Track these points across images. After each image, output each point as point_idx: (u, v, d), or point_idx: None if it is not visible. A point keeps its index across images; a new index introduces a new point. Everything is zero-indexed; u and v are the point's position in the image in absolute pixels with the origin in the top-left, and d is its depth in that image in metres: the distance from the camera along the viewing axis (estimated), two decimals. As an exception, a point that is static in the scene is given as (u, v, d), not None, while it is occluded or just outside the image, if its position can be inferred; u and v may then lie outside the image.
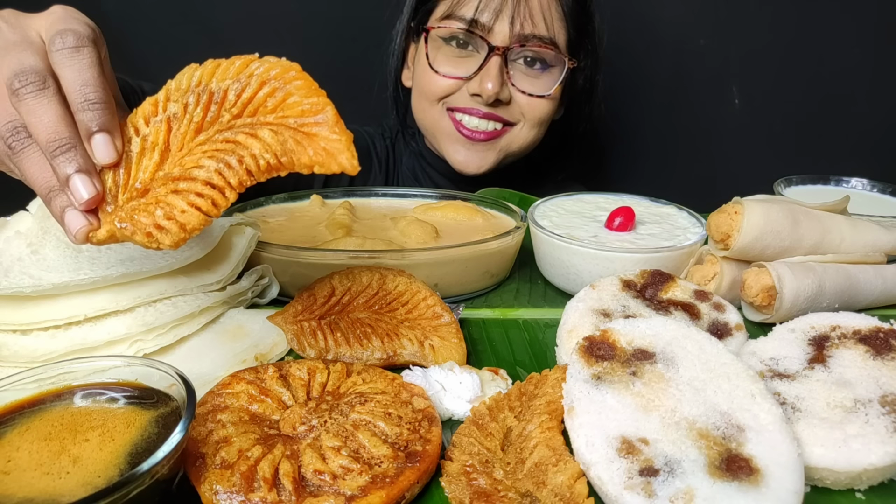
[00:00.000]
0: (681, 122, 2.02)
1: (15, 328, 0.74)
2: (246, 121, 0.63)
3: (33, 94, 0.59)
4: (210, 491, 0.53)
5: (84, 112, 0.60)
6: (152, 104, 0.65)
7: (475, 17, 1.29)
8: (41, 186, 0.60)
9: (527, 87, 1.36)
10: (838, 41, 1.88)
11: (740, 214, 0.90)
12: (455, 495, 0.56)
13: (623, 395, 0.61)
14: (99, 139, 0.60)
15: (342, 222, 1.05)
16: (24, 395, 0.58)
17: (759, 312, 0.89)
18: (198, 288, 0.82)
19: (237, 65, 0.65)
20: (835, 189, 1.32)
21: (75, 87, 0.60)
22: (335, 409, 0.63)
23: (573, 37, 1.39)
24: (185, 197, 0.59)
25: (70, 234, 0.59)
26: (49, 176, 0.60)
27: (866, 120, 1.95)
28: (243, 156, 0.60)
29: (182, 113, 0.64)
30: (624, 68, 1.94)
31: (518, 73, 1.35)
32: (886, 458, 0.57)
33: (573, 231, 0.99)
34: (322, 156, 0.59)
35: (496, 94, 1.32)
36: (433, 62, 1.37)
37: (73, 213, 0.59)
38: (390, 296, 0.80)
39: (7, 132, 0.60)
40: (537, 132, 1.44)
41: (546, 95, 1.37)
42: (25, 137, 0.60)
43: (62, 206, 0.59)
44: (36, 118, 0.59)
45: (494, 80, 1.30)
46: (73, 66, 0.60)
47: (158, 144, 0.63)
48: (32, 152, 0.60)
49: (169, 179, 0.61)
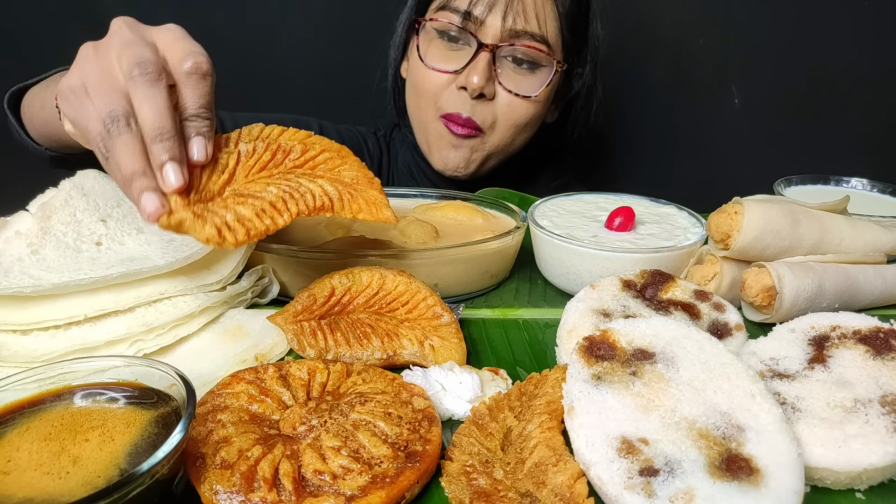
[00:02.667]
0: (681, 122, 2.02)
1: (15, 328, 0.74)
2: (306, 171, 0.77)
3: (149, 84, 0.66)
4: (210, 491, 0.53)
5: (194, 120, 0.70)
6: (225, 138, 0.76)
7: (469, 10, 1.29)
8: (126, 168, 0.66)
9: (512, 86, 1.35)
10: (838, 41, 1.88)
11: (740, 214, 0.90)
12: (455, 495, 0.56)
13: (623, 395, 0.61)
14: (199, 141, 0.70)
15: (342, 222, 1.05)
16: (24, 395, 0.58)
17: (759, 312, 0.89)
18: (198, 288, 0.82)
19: (302, 133, 0.80)
20: (835, 189, 1.32)
21: (192, 101, 0.70)
22: (335, 409, 0.63)
23: (567, 39, 1.38)
24: (252, 208, 0.71)
25: (144, 214, 0.65)
26: (136, 160, 0.66)
27: (866, 120, 1.95)
28: (304, 193, 0.74)
29: (251, 152, 0.76)
30: (624, 68, 1.94)
31: (506, 70, 1.35)
32: (886, 458, 0.57)
33: (573, 231, 0.99)
34: (369, 207, 0.76)
35: (481, 87, 1.31)
36: (424, 55, 1.37)
37: (152, 196, 0.66)
38: (390, 296, 0.80)
39: (108, 117, 0.66)
40: (513, 136, 1.42)
41: (531, 97, 1.36)
42: (124, 125, 0.66)
43: (142, 188, 0.66)
44: (147, 105, 0.66)
45: (481, 73, 1.30)
46: (194, 87, 0.70)
47: (228, 167, 0.74)
48: (127, 138, 0.66)
49: (236, 195, 0.72)
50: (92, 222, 0.86)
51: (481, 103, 1.35)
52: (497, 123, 1.39)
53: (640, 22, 1.92)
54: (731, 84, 1.97)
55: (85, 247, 0.83)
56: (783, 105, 1.97)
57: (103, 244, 0.84)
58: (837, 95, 1.94)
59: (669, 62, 1.96)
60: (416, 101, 1.44)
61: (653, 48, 1.94)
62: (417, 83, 1.40)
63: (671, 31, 1.93)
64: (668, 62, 1.96)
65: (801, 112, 1.96)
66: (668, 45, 1.94)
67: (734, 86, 1.97)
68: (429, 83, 1.37)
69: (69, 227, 0.84)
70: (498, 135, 1.40)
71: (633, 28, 1.92)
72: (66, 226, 0.84)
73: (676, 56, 1.95)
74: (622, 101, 1.96)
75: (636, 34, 1.92)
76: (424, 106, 1.41)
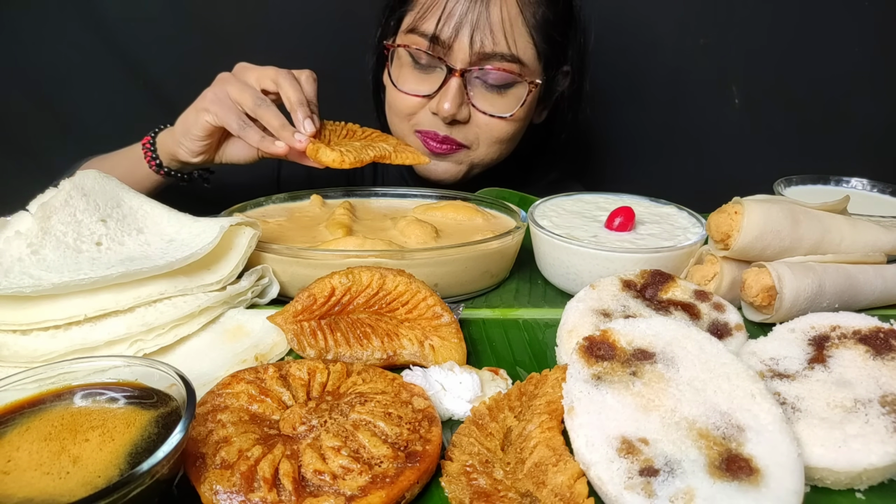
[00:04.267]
0: (681, 122, 2.02)
1: (15, 328, 0.74)
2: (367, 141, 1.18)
3: (289, 80, 1.12)
4: (210, 491, 0.53)
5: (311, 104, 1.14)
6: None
7: (436, 34, 1.26)
8: (275, 122, 1.09)
9: (487, 107, 1.32)
10: (838, 41, 1.88)
11: (740, 214, 0.90)
12: (455, 495, 0.56)
13: (623, 395, 0.61)
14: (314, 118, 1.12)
15: (342, 222, 1.05)
16: (24, 395, 0.58)
17: (759, 312, 0.89)
18: (198, 288, 0.82)
19: (355, 125, 1.22)
20: (835, 189, 1.32)
21: (310, 92, 1.15)
22: (335, 409, 0.63)
23: (545, 49, 1.34)
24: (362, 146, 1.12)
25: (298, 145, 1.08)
26: (282, 118, 1.09)
27: (866, 120, 1.94)
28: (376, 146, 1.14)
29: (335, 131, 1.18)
30: (624, 68, 1.94)
31: (479, 92, 1.31)
32: (886, 458, 0.57)
33: (573, 231, 0.99)
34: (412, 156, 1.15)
35: (453, 115, 1.29)
36: (396, 80, 1.35)
37: (300, 134, 1.08)
38: (390, 296, 0.80)
39: (257, 98, 1.10)
40: (498, 149, 1.41)
41: (507, 117, 1.34)
42: (269, 102, 1.11)
43: (291, 131, 1.09)
44: (290, 89, 1.11)
45: (452, 100, 1.28)
46: (310, 85, 1.15)
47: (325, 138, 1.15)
48: (271, 107, 1.10)
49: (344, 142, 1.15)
50: (92, 222, 0.86)
51: (458, 127, 1.34)
52: (480, 140, 1.37)
53: (640, 22, 1.92)
54: (731, 84, 1.97)
55: (85, 247, 0.83)
56: (783, 105, 1.96)
57: (103, 244, 0.84)
58: (837, 95, 1.93)
59: (669, 62, 1.96)
60: (391, 118, 1.43)
61: (653, 48, 1.94)
62: (391, 103, 1.39)
63: (671, 31, 1.93)
64: (668, 62, 1.96)
65: (801, 112, 1.96)
66: (668, 45, 1.94)
67: (734, 86, 1.97)
68: (402, 105, 1.36)
69: (69, 227, 0.84)
70: (483, 149, 1.39)
71: (633, 28, 1.92)
72: (66, 226, 0.84)
73: (676, 56, 1.95)
74: (622, 101, 1.96)
75: (636, 34, 1.92)
76: (399, 123, 1.40)
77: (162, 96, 1.88)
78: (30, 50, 1.82)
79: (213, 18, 1.87)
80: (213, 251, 0.85)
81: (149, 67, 1.87)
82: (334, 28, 1.89)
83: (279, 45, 1.87)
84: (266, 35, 1.90)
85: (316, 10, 1.89)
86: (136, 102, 1.89)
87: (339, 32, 1.88)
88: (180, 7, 1.84)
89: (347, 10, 1.87)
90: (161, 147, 1.24)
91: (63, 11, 1.80)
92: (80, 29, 1.82)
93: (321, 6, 1.90)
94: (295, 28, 1.89)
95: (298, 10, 1.89)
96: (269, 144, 1.10)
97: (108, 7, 1.81)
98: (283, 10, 1.88)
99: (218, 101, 1.11)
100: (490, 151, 1.40)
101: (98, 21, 1.82)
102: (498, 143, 1.39)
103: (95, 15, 1.81)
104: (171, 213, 0.93)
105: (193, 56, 1.83)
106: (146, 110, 1.89)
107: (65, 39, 1.82)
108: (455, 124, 1.34)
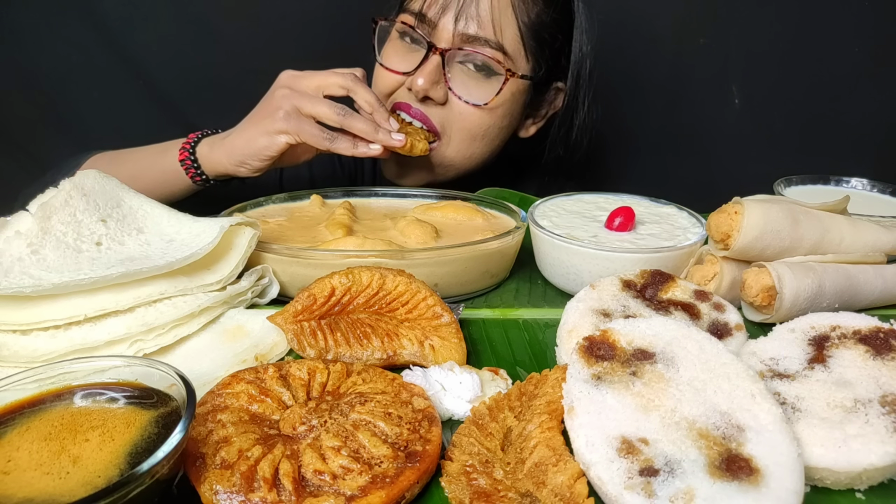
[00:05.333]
0: (680, 122, 2.02)
1: (15, 328, 0.74)
2: None
3: (360, 84, 1.19)
4: (210, 491, 0.53)
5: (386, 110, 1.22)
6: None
7: (423, 11, 1.27)
8: (369, 129, 1.15)
9: (463, 92, 1.30)
10: (838, 41, 1.88)
11: (740, 214, 0.90)
12: (455, 495, 0.56)
13: (623, 395, 0.61)
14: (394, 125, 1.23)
15: (342, 222, 1.05)
16: (24, 395, 0.58)
17: (759, 312, 0.89)
18: (198, 288, 0.82)
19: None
20: (835, 189, 1.32)
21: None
22: (335, 409, 0.63)
23: (533, 48, 1.32)
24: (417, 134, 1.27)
25: (397, 143, 1.18)
26: (370, 124, 1.16)
27: (866, 120, 1.94)
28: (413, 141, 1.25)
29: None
30: (624, 68, 1.93)
31: (458, 76, 1.29)
32: (886, 458, 0.57)
33: (573, 231, 0.99)
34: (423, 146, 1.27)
35: (426, 90, 1.27)
36: (381, 55, 1.36)
37: (395, 133, 1.18)
38: (390, 296, 0.80)
39: (338, 109, 1.14)
40: (470, 147, 1.37)
41: (482, 105, 1.30)
42: (351, 111, 1.15)
43: (384, 132, 1.17)
44: (365, 92, 1.19)
45: (427, 76, 1.26)
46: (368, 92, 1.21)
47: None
48: (355, 116, 1.15)
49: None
50: (92, 222, 0.86)
51: (433, 107, 1.31)
52: (452, 130, 1.34)
53: (640, 22, 1.92)
54: (731, 84, 1.97)
55: (85, 247, 0.83)
56: (783, 105, 1.96)
57: (103, 244, 0.84)
58: (837, 95, 1.93)
59: (669, 62, 1.96)
60: None
61: (653, 48, 1.94)
62: (375, 82, 1.38)
63: (671, 31, 1.93)
64: (667, 62, 1.96)
65: (801, 112, 1.96)
66: (667, 44, 1.94)
67: (734, 86, 1.97)
68: (381, 82, 1.35)
69: (69, 227, 0.84)
70: (454, 144, 1.35)
71: (633, 28, 1.92)
72: (66, 226, 0.84)
73: (676, 56, 1.95)
74: (622, 101, 1.96)
75: (636, 34, 1.92)
76: None
77: (162, 96, 1.88)
78: (30, 50, 1.82)
79: (212, 18, 1.87)
80: (213, 251, 0.85)
81: (149, 67, 1.87)
82: (334, 28, 1.89)
83: (279, 44, 1.88)
84: (266, 35, 1.90)
85: (316, 10, 1.89)
86: (136, 102, 1.89)
87: (339, 32, 1.88)
88: (180, 7, 1.84)
89: (348, 10, 1.86)
90: (207, 162, 1.22)
91: (63, 11, 1.80)
92: (80, 29, 1.81)
93: (321, 6, 1.90)
94: (295, 28, 1.89)
95: (299, 10, 1.89)
96: (364, 149, 1.15)
97: (108, 7, 1.80)
98: (284, 10, 1.88)
99: (292, 119, 1.12)
100: (461, 148, 1.36)
101: (98, 21, 1.82)
102: (469, 136, 1.34)
103: (95, 15, 1.81)
104: (171, 213, 0.93)
105: (193, 56, 1.83)
106: (146, 110, 1.89)
107: (65, 39, 1.82)
108: (429, 103, 1.30)
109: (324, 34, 1.89)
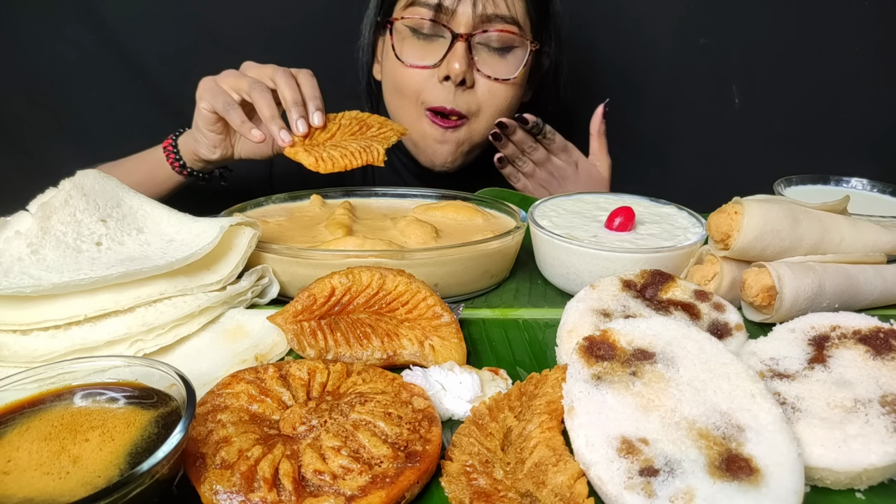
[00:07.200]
0: (680, 121, 2.02)
1: (15, 328, 0.74)
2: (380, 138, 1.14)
3: (287, 76, 1.12)
4: (210, 491, 0.53)
5: (314, 101, 1.12)
6: (337, 115, 1.16)
7: (439, 2, 1.31)
8: (267, 112, 1.09)
9: (490, 71, 1.37)
10: (838, 41, 1.88)
11: (740, 214, 0.89)
12: (455, 495, 0.56)
13: (623, 395, 0.61)
14: (318, 114, 1.11)
15: (342, 222, 1.05)
16: (24, 395, 0.58)
17: (759, 312, 0.89)
18: (198, 288, 0.82)
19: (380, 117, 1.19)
20: (835, 189, 1.32)
21: (310, 89, 1.12)
22: (335, 409, 0.63)
23: (535, 18, 1.41)
24: (340, 153, 1.05)
25: (280, 141, 1.07)
26: (274, 109, 1.10)
27: (866, 120, 1.94)
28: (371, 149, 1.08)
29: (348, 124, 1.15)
30: (624, 67, 1.94)
31: (483, 57, 1.37)
32: (886, 458, 0.57)
33: (573, 231, 0.99)
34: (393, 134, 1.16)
35: (464, 73, 1.33)
36: (400, 54, 1.38)
37: (284, 132, 1.07)
38: (390, 296, 0.80)
39: (256, 82, 1.12)
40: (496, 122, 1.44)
41: (510, 79, 1.39)
42: (265, 87, 1.12)
43: (279, 126, 1.08)
44: (287, 87, 1.10)
45: (461, 59, 1.32)
46: (309, 82, 1.14)
47: (331, 131, 1.12)
48: (268, 95, 1.11)
49: (332, 146, 1.08)
50: (92, 222, 0.86)
51: (463, 92, 1.37)
52: (481, 111, 1.41)
53: (639, 21, 1.92)
54: (730, 84, 1.97)
55: (85, 247, 0.83)
56: (783, 105, 1.96)
57: (103, 244, 0.84)
58: (837, 95, 1.93)
59: (669, 61, 1.96)
60: (397, 102, 1.45)
61: (652, 47, 1.94)
62: (397, 83, 1.41)
63: (670, 30, 1.93)
64: (667, 61, 1.96)
65: (801, 112, 1.96)
66: (667, 43, 1.94)
67: (734, 85, 1.97)
68: (409, 81, 1.39)
69: (69, 227, 0.84)
70: (483, 122, 1.42)
71: (632, 27, 1.92)
72: (66, 226, 0.84)
73: (676, 56, 1.95)
74: (622, 101, 1.95)
75: (636, 33, 1.92)
76: (407, 105, 1.42)
77: (162, 96, 1.88)
78: (29, 49, 1.82)
79: (212, 18, 1.87)
80: (213, 251, 0.85)
81: (149, 67, 1.87)
82: (334, 28, 1.89)
83: (279, 44, 1.87)
84: (266, 35, 1.90)
85: (316, 10, 1.90)
86: (135, 102, 1.89)
87: (338, 32, 1.88)
88: (180, 7, 1.84)
89: (347, 10, 1.87)
90: (183, 148, 1.29)
91: (63, 11, 1.80)
92: (80, 28, 1.82)
93: (321, 6, 1.90)
94: (295, 27, 1.89)
95: (299, 10, 1.89)
96: (246, 129, 1.11)
97: (107, 7, 1.80)
98: (283, 10, 1.88)
99: (209, 88, 1.16)
100: (491, 124, 1.42)
101: (98, 21, 1.82)
102: (498, 113, 1.42)
103: (95, 14, 1.81)
104: (170, 213, 0.93)
105: (193, 56, 1.83)
106: (146, 110, 1.89)
107: (64, 39, 1.82)
108: (462, 87, 1.37)
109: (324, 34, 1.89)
